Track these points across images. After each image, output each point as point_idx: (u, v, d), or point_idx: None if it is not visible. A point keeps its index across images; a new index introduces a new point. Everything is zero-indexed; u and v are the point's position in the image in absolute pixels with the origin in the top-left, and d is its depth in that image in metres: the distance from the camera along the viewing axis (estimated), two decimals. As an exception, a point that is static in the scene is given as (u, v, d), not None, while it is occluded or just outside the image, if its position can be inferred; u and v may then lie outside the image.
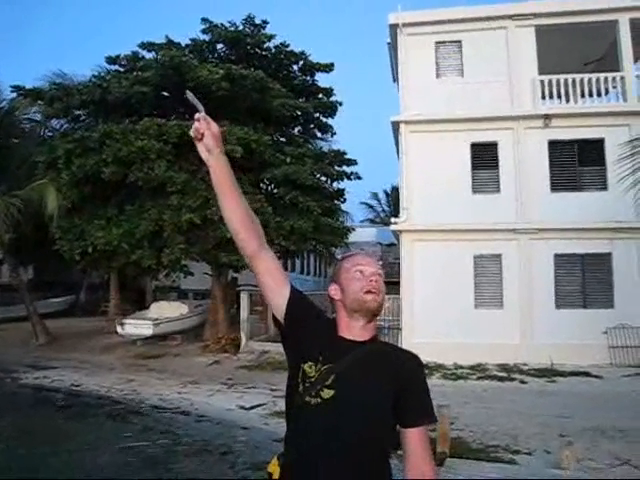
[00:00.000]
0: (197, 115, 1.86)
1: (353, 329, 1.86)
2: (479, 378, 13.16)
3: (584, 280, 15.15)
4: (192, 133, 1.88)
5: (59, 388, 13.12)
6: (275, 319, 1.95)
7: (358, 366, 1.78)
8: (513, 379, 12.94)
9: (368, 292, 1.84)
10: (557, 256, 15.19)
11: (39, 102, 19.66)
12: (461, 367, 13.99)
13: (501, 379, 12.97)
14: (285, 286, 1.93)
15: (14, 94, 19.71)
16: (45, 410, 11.50)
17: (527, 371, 13.57)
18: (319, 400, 1.75)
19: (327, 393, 1.75)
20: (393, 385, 1.76)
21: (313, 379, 1.78)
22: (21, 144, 20.71)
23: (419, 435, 1.76)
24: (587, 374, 13.05)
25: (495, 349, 14.30)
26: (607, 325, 14.28)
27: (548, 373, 13.24)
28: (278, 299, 1.91)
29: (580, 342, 14.04)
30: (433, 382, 11.95)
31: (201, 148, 1.88)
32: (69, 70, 23.82)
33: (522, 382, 12.70)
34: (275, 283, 1.92)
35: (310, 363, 1.80)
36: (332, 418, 1.73)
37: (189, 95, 1.92)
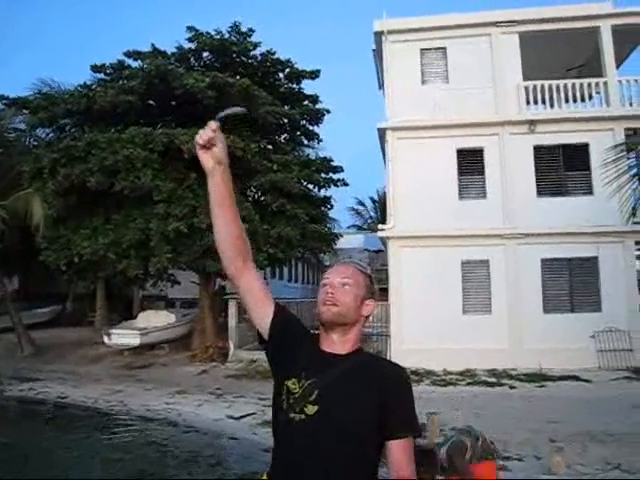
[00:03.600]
0: (213, 124, 1.77)
1: (331, 342, 1.84)
2: (468, 384, 13.16)
3: (571, 284, 15.26)
4: (200, 140, 1.78)
5: (45, 400, 12.93)
6: (260, 336, 1.92)
7: (341, 380, 1.76)
8: (502, 384, 12.95)
9: (323, 304, 1.83)
10: (544, 261, 15.29)
11: (24, 111, 19.50)
12: (450, 373, 13.99)
13: (490, 384, 12.97)
14: (269, 304, 1.90)
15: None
16: (31, 423, 11.34)
17: (516, 376, 13.59)
18: (303, 416, 1.73)
19: (311, 409, 1.73)
20: (377, 398, 1.73)
21: (297, 395, 1.75)
22: (6, 154, 20.52)
23: (402, 446, 1.73)
24: (576, 378, 13.11)
25: (484, 355, 14.32)
26: (595, 329, 14.38)
27: (537, 378, 13.28)
28: (262, 317, 1.89)
29: (568, 346, 14.11)
30: (422, 389, 11.93)
31: (207, 157, 1.81)
32: (57, 78, 23.66)
33: (511, 387, 12.71)
34: (259, 301, 1.90)
35: (293, 379, 1.78)
36: (317, 434, 1.70)
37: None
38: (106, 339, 17.58)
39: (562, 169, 15.84)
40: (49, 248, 16.60)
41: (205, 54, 19.21)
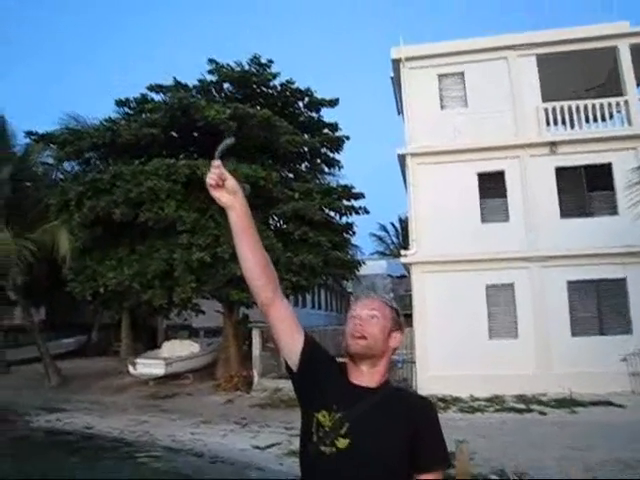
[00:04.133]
0: (217, 162, 1.80)
1: (360, 374, 1.85)
2: (497, 410, 12.91)
3: (599, 306, 14.95)
4: (212, 181, 1.79)
5: (71, 431, 13.00)
6: (287, 366, 1.93)
7: (372, 414, 1.76)
8: (532, 410, 12.68)
9: (352, 336, 1.84)
10: (570, 283, 15.04)
11: (51, 146, 19.98)
12: (477, 399, 13.74)
13: (519, 411, 12.72)
14: (299, 334, 1.91)
15: (27, 139, 20.07)
16: (57, 454, 11.38)
17: (546, 402, 13.30)
18: (334, 449, 1.73)
19: (342, 442, 1.73)
20: (407, 431, 1.75)
21: (327, 428, 1.76)
22: (34, 187, 21.01)
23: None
24: (608, 403, 12.78)
25: (512, 380, 14.07)
26: (626, 351, 14.02)
27: (568, 403, 12.98)
28: (292, 347, 1.90)
29: (599, 370, 13.78)
30: (450, 416, 11.74)
31: (221, 193, 1.82)
32: (82, 112, 24.10)
33: (541, 413, 12.44)
34: (289, 331, 1.90)
35: (324, 412, 1.78)
36: (348, 467, 1.70)
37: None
38: (131, 369, 17.67)
39: (585, 189, 15.68)
40: (75, 279, 16.85)
41: (226, 86, 19.58)
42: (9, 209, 19.28)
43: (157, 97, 19.06)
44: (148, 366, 17.66)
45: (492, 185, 16.08)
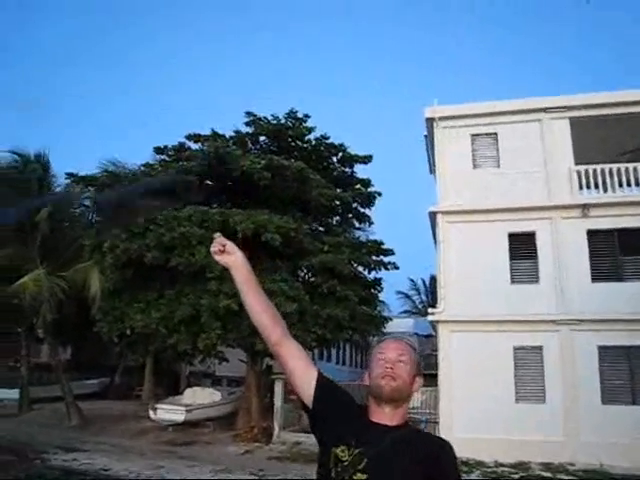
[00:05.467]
0: (217, 234, 2.17)
1: (381, 415, 1.89)
2: (521, 478, 12.46)
3: (632, 374, 14.48)
4: (215, 249, 2.15)
5: (87, 472, 12.91)
6: (303, 403, 1.98)
7: (390, 450, 1.79)
8: (559, 480, 12.21)
9: (383, 377, 1.88)
10: (601, 348, 14.65)
11: (90, 188, 20.59)
12: (502, 465, 13.29)
13: (546, 480, 12.25)
14: (311, 370, 1.99)
15: (68, 180, 20.74)
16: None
17: (574, 472, 12.78)
18: None
19: (360, 477, 1.76)
20: (424, 469, 1.77)
21: (346, 463, 1.79)
22: (70, 227, 21.59)
23: None
24: (641, 478, 12.22)
25: (538, 446, 13.60)
26: (661, 423, 13.49)
27: (598, 475, 12.45)
28: (305, 383, 1.96)
29: (632, 441, 13.25)
30: (472, 480, 11.36)
31: (222, 256, 2.15)
32: (121, 158, 24.87)
33: (569, 484, 11.96)
34: (302, 366, 1.99)
35: (342, 447, 1.82)
36: None
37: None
38: (152, 414, 17.60)
39: (618, 254, 15.45)
40: (103, 319, 17.07)
41: (262, 138, 20.09)
42: (45, 247, 19.77)
43: (194, 146, 19.64)
44: (169, 412, 17.57)
45: (523, 246, 15.98)
